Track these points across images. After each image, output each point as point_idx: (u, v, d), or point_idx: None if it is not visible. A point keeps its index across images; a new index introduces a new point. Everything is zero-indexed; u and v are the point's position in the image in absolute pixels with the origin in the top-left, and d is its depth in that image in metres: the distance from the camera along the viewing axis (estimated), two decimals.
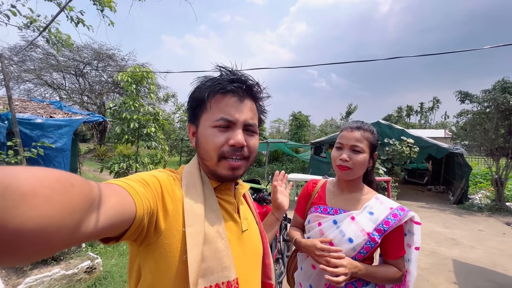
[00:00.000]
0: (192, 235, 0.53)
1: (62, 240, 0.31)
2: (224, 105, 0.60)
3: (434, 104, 59.32)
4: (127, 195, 0.45)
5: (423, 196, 8.67)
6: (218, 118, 0.59)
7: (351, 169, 0.98)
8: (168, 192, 0.56)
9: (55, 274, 2.46)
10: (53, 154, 3.86)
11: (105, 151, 14.30)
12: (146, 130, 5.11)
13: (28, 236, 0.27)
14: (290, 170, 12.27)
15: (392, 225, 0.93)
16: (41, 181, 0.29)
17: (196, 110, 0.64)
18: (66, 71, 15.87)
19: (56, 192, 0.30)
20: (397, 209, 0.97)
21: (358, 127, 1.01)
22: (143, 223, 0.48)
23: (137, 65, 5.64)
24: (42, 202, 0.28)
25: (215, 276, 0.54)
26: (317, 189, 1.16)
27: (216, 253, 0.55)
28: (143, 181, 0.52)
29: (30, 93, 15.43)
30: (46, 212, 0.28)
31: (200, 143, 0.62)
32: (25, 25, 3.06)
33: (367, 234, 0.93)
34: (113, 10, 3.38)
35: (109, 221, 0.39)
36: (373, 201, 1.01)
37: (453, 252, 4.01)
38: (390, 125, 8.40)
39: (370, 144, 1.00)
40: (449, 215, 6.20)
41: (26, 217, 0.26)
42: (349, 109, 26.17)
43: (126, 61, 16.49)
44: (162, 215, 0.53)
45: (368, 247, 0.93)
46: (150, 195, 0.50)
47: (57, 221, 0.29)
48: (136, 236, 0.50)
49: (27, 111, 4.24)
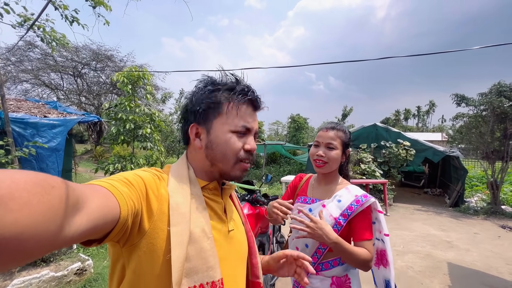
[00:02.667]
0: (177, 234, 0.53)
1: (42, 246, 0.29)
2: (243, 113, 0.64)
3: (430, 107, 59.74)
4: (110, 196, 0.44)
5: (419, 199, 8.67)
6: (239, 125, 0.63)
7: (327, 163, 1.14)
8: (153, 191, 0.55)
9: (44, 276, 2.42)
10: (47, 154, 3.82)
11: (102, 152, 14.22)
12: (142, 131, 5.08)
13: (6, 242, 0.25)
14: (288, 172, 12.25)
15: (355, 210, 1.07)
16: (17, 184, 0.27)
17: (207, 113, 0.64)
18: (64, 72, 15.82)
19: (35, 195, 0.28)
20: (361, 196, 1.11)
21: (332, 127, 1.18)
22: (127, 224, 0.47)
23: (135, 66, 5.63)
24: (19, 206, 0.26)
25: (199, 276, 0.53)
26: (302, 182, 1.33)
27: (201, 253, 0.55)
28: (126, 181, 0.51)
29: (27, 93, 15.35)
30: (25, 217, 0.27)
31: (215, 146, 0.63)
32: (19, 24, 3.04)
33: (334, 218, 1.09)
34: (108, 10, 3.37)
35: (92, 224, 0.38)
36: (342, 190, 1.15)
37: (448, 255, 4.00)
38: (387, 128, 8.43)
39: (342, 142, 1.17)
40: (445, 218, 6.20)
41: (2, 222, 0.25)
42: (345, 112, 26.29)
43: (125, 62, 16.48)
44: (147, 215, 0.53)
45: (336, 230, 1.06)
46: (134, 195, 0.50)
47: (36, 226, 0.28)
48: (120, 236, 0.49)
49: (21, 111, 4.20)
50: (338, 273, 1.11)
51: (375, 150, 8.21)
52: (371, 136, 8.57)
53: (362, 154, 7.78)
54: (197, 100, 0.65)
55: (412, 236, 4.88)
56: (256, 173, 12.16)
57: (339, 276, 1.11)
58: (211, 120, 0.64)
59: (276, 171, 12.56)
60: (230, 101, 0.64)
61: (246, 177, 11.11)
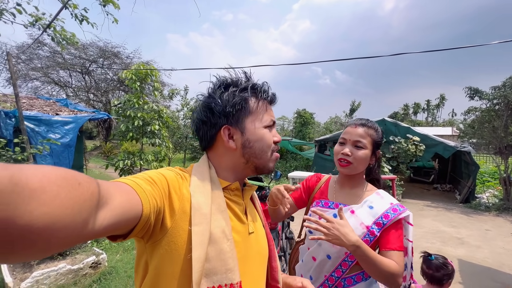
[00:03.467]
0: (198, 234, 0.53)
1: (69, 237, 0.31)
2: (269, 110, 0.69)
3: (440, 101, 58.32)
4: (134, 194, 0.46)
5: (429, 194, 8.56)
6: (269, 120, 0.68)
7: (351, 164, 1.00)
8: (175, 190, 0.56)
9: (61, 268, 2.52)
10: (60, 150, 3.94)
11: (111, 148, 14.47)
12: (150, 127, 5.15)
13: (37, 232, 0.27)
14: (294, 167, 12.24)
15: (391, 219, 0.94)
16: (49, 178, 0.29)
17: (238, 114, 0.65)
18: (72, 69, 16.05)
19: (64, 190, 0.30)
20: (397, 205, 0.99)
21: (362, 124, 1.04)
22: (149, 221, 0.49)
23: (142, 63, 5.68)
24: (50, 199, 0.28)
25: (218, 277, 0.54)
26: (320, 184, 1.18)
27: (221, 254, 0.55)
28: (150, 180, 0.52)
29: (37, 91, 15.67)
30: (55, 209, 0.29)
31: (253, 143, 0.65)
32: (31, 23, 3.09)
33: (366, 227, 0.95)
34: (116, 8, 3.39)
35: (115, 219, 0.39)
36: (373, 196, 1.02)
37: (458, 252, 3.95)
38: (395, 123, 8.28)
39: (373, 141, 1.02)
40: (456, 214, 6.11)
41: (35, 213, 0.27)
42: (353, 106, 25.95)
43: (131, 59, 16.59)
44: (169, 213, 0.54)
45: (367, 240, 0.94)
46: (157, 194, 0.51)
47: (65, 218, 0.30)
48: (143, 233, 0.51)
49: (34, 109, 4.30)
50: None
51: (383, 145, 8.11)
52: None
53: None
54: (224, 102, 0.64)
55: (422, 232, 4.84)
56: None
57: None
58: (243, 119, 0.65)
59: (283, 166, 12.56)
60: (257, 99, 0.67)
61: None
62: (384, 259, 0.88)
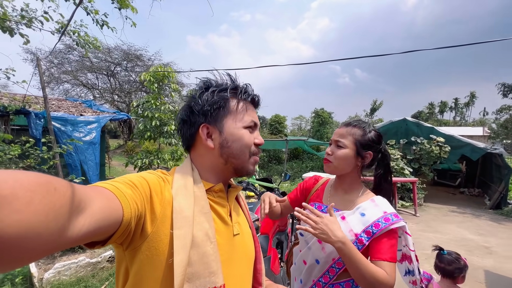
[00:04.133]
0: (180, 237, 0.52)
1: (44, 246, 0.30)
2: (250, 111, 0.68)
3: (470, 99, 54.52)
4: (114, 198, 0.44)
5: (454, 199, 8.04)
6: (250, 121, 0.66)
7: (331, 163, 1.01)
8: (157, 194, 0.55)
9: (81, 261, 2.67)
10: (84, 147, 4.19)
11: (133, 147, 15.13)
12: (167, 127, 5.31)
13: (9, 241, 0.26)
14: (310, 168, 12.05)
15: (382, 229, 0.90)
16: (21, 183, 0.28)
17: (217, 113, 0.65)
18: (99, 72, 17.00)
19: (38, 195, 0.28)
20: (391, 214, 0.93)
21: (347, 123, 1.05)
22: (130, 227, 0.47)
23: (161, 65, 5.87)
24: (23, 205, 0.27)
25: (201, 281, 0.53)
26: (317, 186, 1.17)
27: (203, 258, 0.54)
28: (131, 183, 0.51)
29: (68, 93, 16.77)
30: (28, 216, 0.27)
31: (231, 142, 0.64)
32: (57, 30, 3.31)
33: (355, 234, 0.92)
34: (134, 12, 3.52)
35: (94, 225, 0.38)
36: (367, 202, 0.98)
37: (485, 262, 3.67)
38: (418, 123, 7.87)
39: (355, 141, 0.99)
40: (484, 221, 5.69)
41: (7, 221, 0.25)
42: (374, 106, 25.07)
43: (153, 61, 17.22)
44: (150, 218, 0.52)
45: None
46: (138, 198, 0.49)
47: (39, 226, 0.28)
48: (123, 239, 0.49)
49: (61, 110, 4.61)
50: None
51: (404, 146, 7.73)
52: (400, 131, 8.07)
53: (390, 150, 7.37)
54: (203, 101, 0.64)
55: (445, 239, 4.56)
56: (278, 169, 12.13)
57: None
58: (222, 119, 0.65)
59: (298, 167, 12.42)
60: (237, 100, 0.66)
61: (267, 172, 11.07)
62: (372, 265, 0.84)
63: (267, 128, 22.70)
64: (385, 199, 1.00)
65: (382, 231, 0.90)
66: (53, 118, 3.90)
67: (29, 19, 2.97)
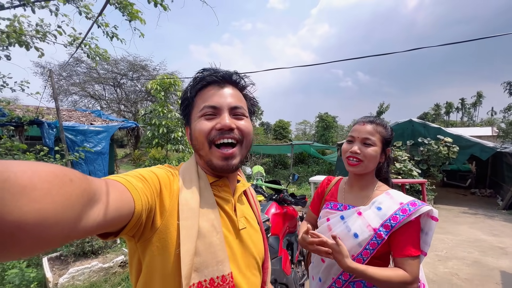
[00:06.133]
0: (186, 228, 0.53)
1: (60, 234, 0.31)
2: (206, 95, 0.64)
3: (477, 99, 53.72)
4: (125, 191, 0.46)
5: (465, 200, 7.88)
6: (201, 108, 0.63)
7: (362, 162, 0.97)
8: (166, 187, 0.56)
9: (94, 266, 2.71)
10: (94, 157, 4.28)
11: (140, 155, 15.32)
12: (174, 134, 5.41)
13: (27, 229, 0.27)
14: (316, 172, 11.98)
15: (400, 221, 0.88)
16: (39, 175, 0.29)
17: (186, 112, 0.67)
18: (105, 83, 17.43)
19: (55, 186, 0.30)
20: (408, 204, 0.91)
21: (370, 121, 1.01)
22: (141, 219, 0.49)
23: (166, 74, 6.01)
24: (41, 195, 0.28)
25: (209, 270, 0.54)
26: (330, 186, 1.17)
27: (210, 247, 0.55)
28: (141, 177, 0.52)
29: (76, 104, 17.19)
30: (46, 206, 0.28)
31: (193, 137, 0.64)
32: (69, 43, 3.45)
33: (373, 229, 0.90)
34: (142, 23, 3.65)
35: (108, 217, 0.39)
36: (382, 196, 0.97)
37: (501, 263, 3.58)
38: (424, 124, 7.80)
39: (382, 138, 0.99)
40: (498, 222, 5.55)
41: (25, 210, 0.26)
42: (381, 109, 24.94)
43: (158, 71, 17.60)
44: (159, 211, 0.54)
45: (375, 243, 0.90)
46: (148, 191, 0.51)
47: (56, 215, 0.29)
48: (134, 231, 0.51)
49: (72, 120, 4.75)
50: None
51: (411, 147, 7.66)
52: (406, 133, 8.01)
53: (397, 152, 7.31)
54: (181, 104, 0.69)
55: (457, 240, 4.46)
56: (284, 174, 12.10)
57: None
58: (190, 115, 0.67)
59: (304, 171, 12.36)
60: (195, 91, 0.65)
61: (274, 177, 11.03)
62: (387, 273, 0.84)
63: (272, 134, 22.73)
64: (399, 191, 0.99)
65: (401, 223, 0.88)
66: (65, 128, 4.02)
67: (44, 34, 3.12)
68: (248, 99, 0.72)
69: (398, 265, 0.87)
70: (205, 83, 0.64)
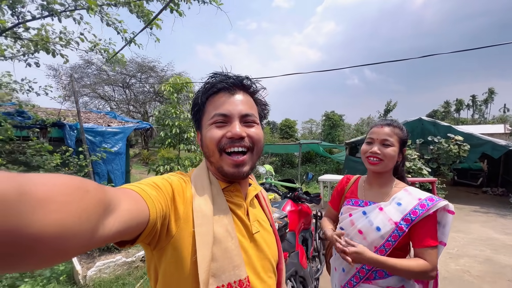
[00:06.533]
0: (201, 235, 0.54)
1: (78, 245, 0.31)
2: (217, 103, 0.63)
3: (488, 96, 52.38)
4: (140, 199, 0.46)
5: (477, 199, 7.80)
6: (212, 115, 0.63)
7: (382, 161, 1.05)
8: (179, 195, 0.57)
9: (118, 260, 2.87)
10: (112, 157, 4.46)
11: (149, 155, 15.64)
12: (186, 135, 5.55)
13: (46, 241, 0.27)
14: (324, 171, 12.01)
15: (420, 215, 0.97)
16: (57, 187, 0.29)
17: (197, 117, 0.68)
18: (115, 84, 17.80)
19: (72, 198, 0.30)
20: (426, 199, 1.00)
21: (388, 123, 1.11)
22: (156, 227, 0.49)
23: (176, 75, 6.17)
24: (58, 208, 0.28)
25: (226, 276, 0.54)
26: (350, 184, 1.26)
27: (226, 253, 0.56)
28: (155, 185, 0.53)
29: (87, 105, 17.62)
30: (63, 218, 0.28)
31: (204, 144, 0.64)
32: (90, 49, 3.62)
33: (395, 223, 0.99)
34: (158, 28, 3.80)
35: (124, 225, 0.40)
36: (401, 193, 1.06)
37: None
38: (434, 122, 7.76)
39: (399, 139, 1.08)
40: (510, 221, 5.52)
41: (43, 222, 0.27)
42: (388, 107, 24.70)
43: (165, 72, 17.88)
44: (174, 218, 0.54)
45: (396, 236, 0.99)
46: (162, 199, 0.52)
47: (73, 227, 0.30)
48: (150, 239, 0.51)
49: (90, 121, 4.94)
50: (394, 283, 1.03)
51: (421, 146, 7.63)
52: (416, 131, 7.98)
53: (407, 150, 7.30)
54: (192, 107, 0.69)
55: (468, 239, 4.48)
56: (291, 173, 12.17)
57: (395, 286, 1.03)
58: (201, 121, 0.67)
59: (312, 170, 12.40)
60: (206, 97, 0.65)
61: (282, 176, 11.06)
62: (408, 263, 0.94)
63: (278, 133, 22.75)
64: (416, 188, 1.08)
65: (421, 217, 0.97)
66: (85, 129, 4.21)
67: (67, 41, 3.29)
68: (259, 103, 0.71)
69: (418, 255, 0.97)
70: (215, 90, 0.64)
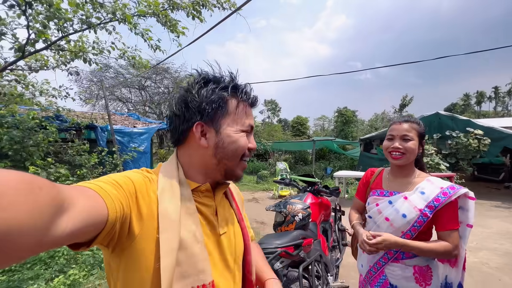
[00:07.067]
0: (166, 241, 0.51)
1: (28, 245, 0.30)
2: (248, 113, 0.66)
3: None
4: (98, 198, 0.44)
5: (498, 194, 7.61)
6: (247, 125, 0.65)
7: (404, 155, 1.14)
8: (142, 195, 0.54)
9: None
10: (139, 156, 4.79)
11: (165, 154, 16.22)
12: None
13: None
14: (338, 167, 12.02)
15: (442, 202, 1.07)
16: (6, 182, 0.28)
17: (215, 112, 0.62)
18: (131, 86, 18.49)
19: (23, 194, 0.29)
20: (447, 188, 1.10)
21: (406, 120, 1.20)
22: (115, 227, 0.47)
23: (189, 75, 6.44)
24: (7, 203, 0.27)
25: (190, 280, 0.54)
26: (374, 176, 1.36)
27: (192, 258, 0.54)
28: (115, 183, 0.50)
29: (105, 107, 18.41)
30: (12, 214, 0.27)
31: (226, 144, 0.62)
32: (120, 56, 3.92)
33: (419, 210, 1.09)
34: (181, 33, 4.04)
35: (79, 225, 0.37)
36: (424, 182, 1.16)
37: None
38: (452, 116, 7.62)
39: (418, 133, 1.17)
40: None
41: None
42: (404, 101, 24.12)
43: (179, 73, 18.36)
44: (136, 218, 0.51)
45: (421, 221, 1.09)
46: (123, 198, 0.49)
47: (24, 224, 0.28)
48: (108, 240, 0.48)
49: (117, 123, 5.31)
50: (420, 262, 1.13)
51: (438, 141, 7.53)
52: (433, 126, 7.86)
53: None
54: (201, 98, 0.61)
55: (488, 233, 4.47)
56: (305, 169, 12.26)
57: (421, 265, 1.12)
58: (219, 119, 0.62)
59: (326, 167, 12.44)
60: (237, 100, 0.64)
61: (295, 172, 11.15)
62: (432, 245, 1.07)
63: (290, 130, 22.77)
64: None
65: (443, 204, 1.07)
66: (114, 130, 4.55)
67: (101, 50, 3.60)
68: None
69: (442, 238, 1.09)
70: (248, 102, 0.67)
